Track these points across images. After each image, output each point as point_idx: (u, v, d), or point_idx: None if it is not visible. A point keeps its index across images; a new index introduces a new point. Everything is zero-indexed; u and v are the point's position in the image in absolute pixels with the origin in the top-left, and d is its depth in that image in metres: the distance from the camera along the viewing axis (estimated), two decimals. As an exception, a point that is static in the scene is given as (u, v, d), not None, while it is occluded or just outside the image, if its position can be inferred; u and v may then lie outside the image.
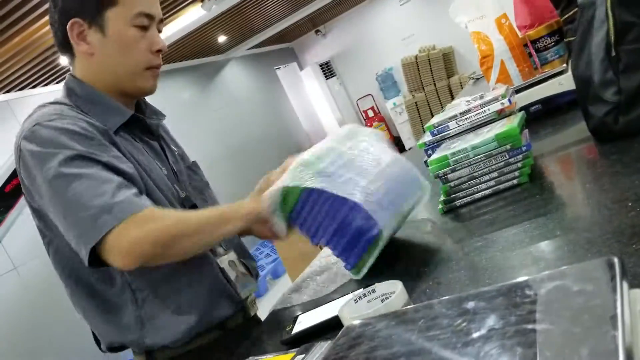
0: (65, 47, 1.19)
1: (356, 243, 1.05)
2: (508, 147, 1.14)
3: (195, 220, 1.10)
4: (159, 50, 1.20)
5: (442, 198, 1.23)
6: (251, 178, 7.05)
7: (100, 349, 1.22)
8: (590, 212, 0.91)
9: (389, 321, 0.49)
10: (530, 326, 0.38)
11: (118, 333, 1.15)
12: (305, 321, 0.98)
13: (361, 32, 9.99)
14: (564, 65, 1.74)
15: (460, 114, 1.30)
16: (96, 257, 1.02)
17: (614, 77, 1.11)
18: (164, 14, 5.15)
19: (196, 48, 7.42)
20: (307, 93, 10.33)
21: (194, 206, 1.25)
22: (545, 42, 2.20)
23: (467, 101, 1.34)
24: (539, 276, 0.43)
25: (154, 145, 1.28)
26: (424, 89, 9.21)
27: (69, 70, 1.24)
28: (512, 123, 1.17)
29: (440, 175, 1.20)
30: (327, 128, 10.22)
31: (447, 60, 9.13)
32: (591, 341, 0.33)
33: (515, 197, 1.13)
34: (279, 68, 10.14)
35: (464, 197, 1.20)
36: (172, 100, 7.43)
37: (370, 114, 10.13)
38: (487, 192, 1.18)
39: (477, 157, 1.16)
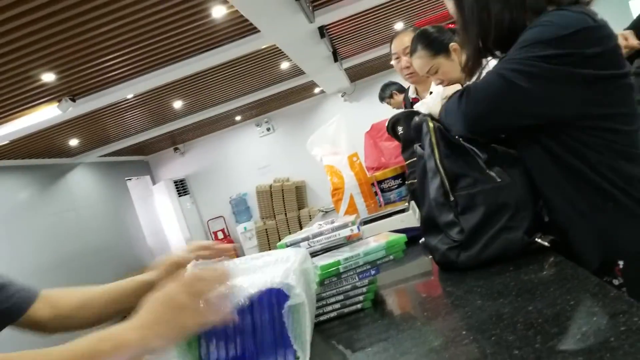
0: None
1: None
2: (358, 269, 1.17)
3: None
4: None
5: (288, 319, 1.20)
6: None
7: None
8: (429, 339, 0.94)
9: None
10: None
11: None
12: None
13: (220, 155, 10.19)
14: (406, 204, 1.90)
15: (312, 235, 1.33)
16: None
17: (455, 218, 1.23)
18: (16, 107, 4.86)
19: (43, 147, 6.98)
20: (157, 208, 10.03)
21: None
22: (390, 184, 2.40)
23: (320, 224, 1.39)
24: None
25: None
26: (275, 217, 9.44)
27: None
28: (386, 239, 1.21)
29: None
30: (173, 246, 9.86)
31: (299, 192, 9.56)
32: None
33: (359, 321, 1.14)
34: (130, 179, 9.82)
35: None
36: (6, 199, 6.75)
37: (220, 235, 10.03)
38: (332, 314, 1.18)
39: (361, 266, 1.17)
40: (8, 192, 6.85)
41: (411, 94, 3.14)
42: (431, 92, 2.75)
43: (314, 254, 1.33)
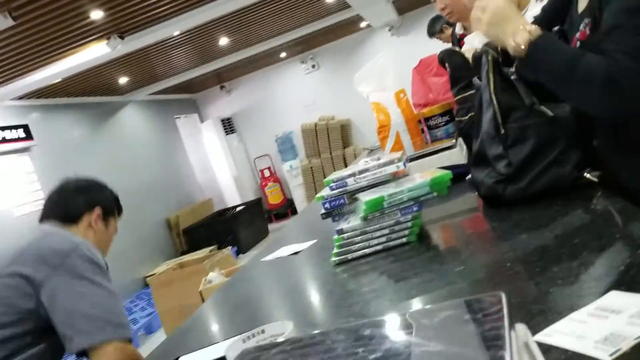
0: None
1: None
2: (401, 206, 1.20)
3: None
4: None
5: (335, 250, 1.25)
6: (135, 224, 6.73)
7: None
8: (473, 271, 0.97)
9: (284, 347, 0.49)
10: (425, 348, 0.39)
11: None
12: (187, 363, 0.93)
13: (266, 93, 10.20)
14: (453, 141, 1.89)
15: (358, 172, 1.35)
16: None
17: (503, 151, 1.22)
18: (67, 45, 4.97)
19: (94, 85, 7.15)
20: (205, 146, 10.23)
21: None
22: (437, 121, 2.37)
23: (366, 161, 1.40)
24: (436, 305, 0.45)
25: None
26: (320, 156, 9.49)
27: None
28: (431, 176, 1.23)
29: (339, 230, 1.24)
30: (222, 183, 10.12)
31: (344, 131, 9.53)
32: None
33: (404, 254, 1.17)
34: (179, 117, 10.00)
35: (356, 250, 1.23)
36: (61, 135, 7.03)
37: (267, 173, 10.20)
38: (378, 247, 1.22)
39: (404, 202, 1.20)
40: (62, 130, 7.10)
41: (458, 30, 3.04)
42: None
43: (359, 190, 1.35)
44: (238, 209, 8.95)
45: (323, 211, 1.37)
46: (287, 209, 9.99)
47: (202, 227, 8.36)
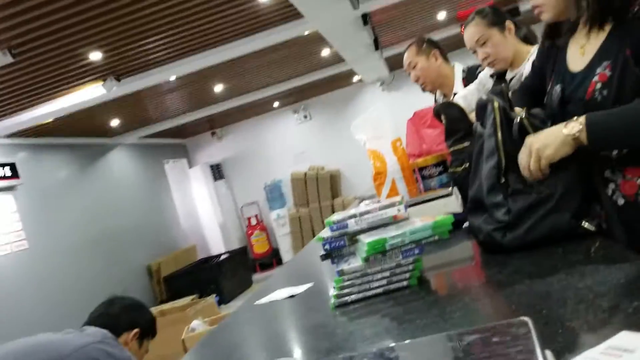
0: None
1: None
2: (403, 248, 1.20)
3: None
4: None
5: (334, 292, 1.24)
6: (115, 270, 6.60)
7: None
8: (477, 314, 0.96)
9: None
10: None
11: None
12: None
13: (257, 141, 10.28)
14: (449, 189, 1.91)
15: (359, 213, 1.36)
16: None
17: (503, 200, 1.25)
18: (64, 84, 5.02)
19: (85, 126, 7.17)
20: (193, 191, 10.20)
21: None
22: (431, 171, 2.41)
23: (367, 203, 1.41)
24: (466, 330, 0.45)
25: None
26: (308, 205, 9.49)
27: None
28: (433, 219, 1.24)
29: (339, 271, 1.23)
30: (207, 230, 10.03)
31: (333, 181, 9.58)
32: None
33: (404, 297, 1.17)
34: (167, 162, 10.00)
35: (357, 293, 1.22)
36: (48, 175, 6.98)
37: (253, 221, 10.14)
38: (378, 290, 1.21)
39: (406, 245, 1.20)
40: (49, 170, 7.05)
41: (438, 97, 3.15)
42: (455, 94, 2.77)
43: (360, 232, 1.36)
44: (222, 257, 8.83)
45: (322, 252, 1.36)
46: (273, 258, 9.89)
47: (183, 275, 8.20)
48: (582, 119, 1.14)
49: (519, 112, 1.27)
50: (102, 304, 1.89)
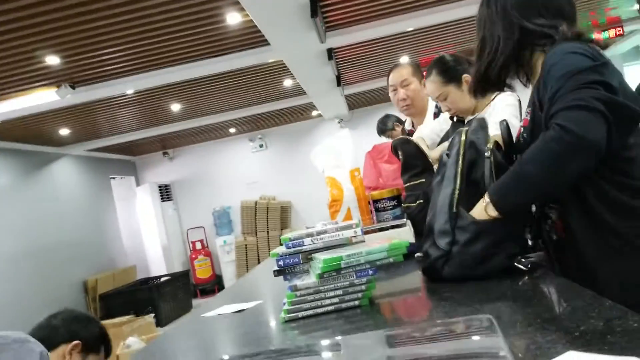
0: None
1: None
2: (357, 268, 1.21)
3: None
4: None
5: (285, 307, 1.23)
6: (49, 284, 6.32)
7: None
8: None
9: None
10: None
11: None
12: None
13: (209, 165, 10.18)
14: (404, 220, 1.95)
15: (316, 232, 1.36)
16: None
17: (450, 229, 1.28)
18: (15, 86, 4.84)
19: (33, 133, 6.92)
20: (138, 210, 9.94)
21: None
22: (385, 204, 2.44)
23: (324, 224, 1.42)
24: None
25: None
26: (256, 234, 9.41)
27: None
28: (389, 242, 1.25)
29: (292, 286, 1.22)
30: (149, 251, 9.75)
31: (283, 212, 9.57)
32: None
33: (355, 317, 1.17)
34: (114, 178, 9.74)
35: (308, 309, 1.22)
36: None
37: (198, 246, 9.95)
38: (329, 307, 1.21)
39: (361, 264, 1.21)
40: (-9, 174, 6.77)
41: (407, 126, 3.23)
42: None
43: (315, 250, 1.36)
44: (162, 279, 8.59)
45: (276, 268, 1.35)
46: (215, 285, 9.70)
47: (121, 294, 7.94)
48: (486, 195, 1.24)
49: (489, 147, 1.32)
50: (48, 316, 1.87)
